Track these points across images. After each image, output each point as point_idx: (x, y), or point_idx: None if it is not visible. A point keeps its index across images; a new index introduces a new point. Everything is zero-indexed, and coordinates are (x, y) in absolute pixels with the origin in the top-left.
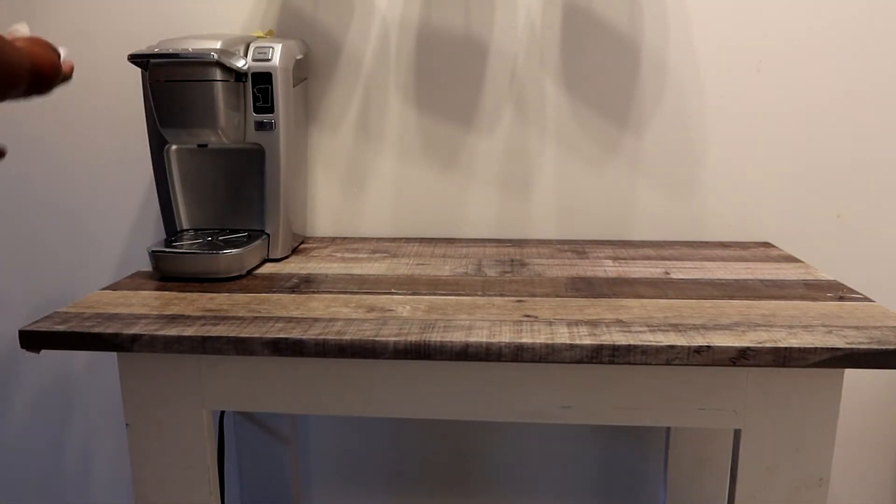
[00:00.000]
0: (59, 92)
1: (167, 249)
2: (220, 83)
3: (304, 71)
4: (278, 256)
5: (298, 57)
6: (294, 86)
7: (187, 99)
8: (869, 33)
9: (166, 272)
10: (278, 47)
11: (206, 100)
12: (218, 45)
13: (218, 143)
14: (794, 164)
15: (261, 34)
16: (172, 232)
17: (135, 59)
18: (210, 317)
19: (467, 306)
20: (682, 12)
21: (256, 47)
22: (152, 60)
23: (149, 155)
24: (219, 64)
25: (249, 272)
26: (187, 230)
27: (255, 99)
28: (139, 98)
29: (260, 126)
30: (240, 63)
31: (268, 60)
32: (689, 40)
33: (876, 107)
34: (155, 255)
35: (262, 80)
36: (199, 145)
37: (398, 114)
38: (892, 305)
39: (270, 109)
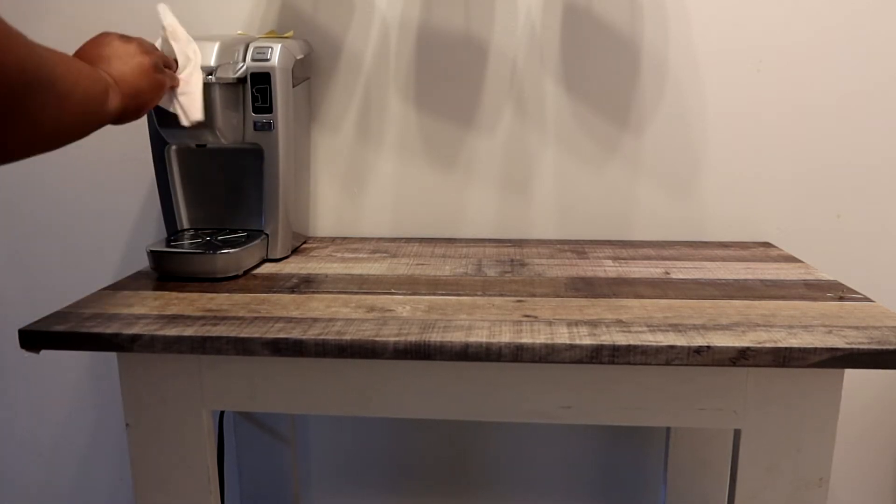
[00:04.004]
0: None
1: (165, 249)
2: (217, 85)
3: (307, 71)
4: (277, 257)
5: (299, 57)
6: (294, 86)
7: None
8: (869, 33)
9: (165, 271)
10: (277, 47)
11: (203, 101)
12: (214, 52)
13: (216, 144)
14: (794, 164)
15: (275, 33)
16: (173, 231)
17: None
18: (210, 317)
19: (467, 306)
20: (682, 12)
21: (256, 47)
22: None
23: (150, 154)
24: (217, 70)
25: (248, 272)
26: (188, 230)
27: (254, 99)
28: None
29: (259, 126)
30: (235, 72)
31: (266, 60)
32: (689, 40)
33: (876, 107)
34: (153, 255)
35: (261, 81)
36: (198, 145)
37: (398, 114)
38: (892, 305)
39: (269, 109)
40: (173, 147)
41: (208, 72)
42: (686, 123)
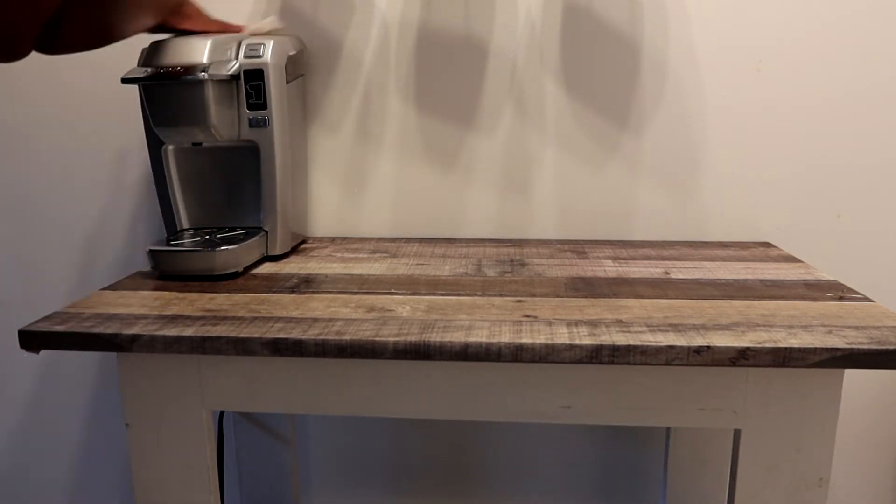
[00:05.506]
0: (59, 89)
1: (164, 248)
2: (210, 83)
3: (300, 68)
4: (277, 253)
5: (291, 53)
6: (288, 82)
7: (178, 99)
8: (869, 33)
9: (164, 270)
10: (270, 44)
11: (197, 99)
12: (206, 49)
13: (212, 142)
14: (794, 164)
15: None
16: (172, 231)
17: (128, 82)
18: (210, 317)
19: (467, 306)
20: (682, 12)
21: (248, 44)
22: (145, 67)
23: (148, 154)
24: (209, 67)
25: (247, 270)
26: (187, 229)
27: (248, 96)
28: (137, 96)
29: (253, 123)
30: (227, 69)
31: (259, 57)
32: (689, 40)
33: (876, 107)
34: (153, 254)
35: (254, 77)
36: (194, 144)
37: (398, 114)
38: (892, 305)
39: (263, 106)
40: (170, 146)
41: (201, 69)
42: (686, 123)
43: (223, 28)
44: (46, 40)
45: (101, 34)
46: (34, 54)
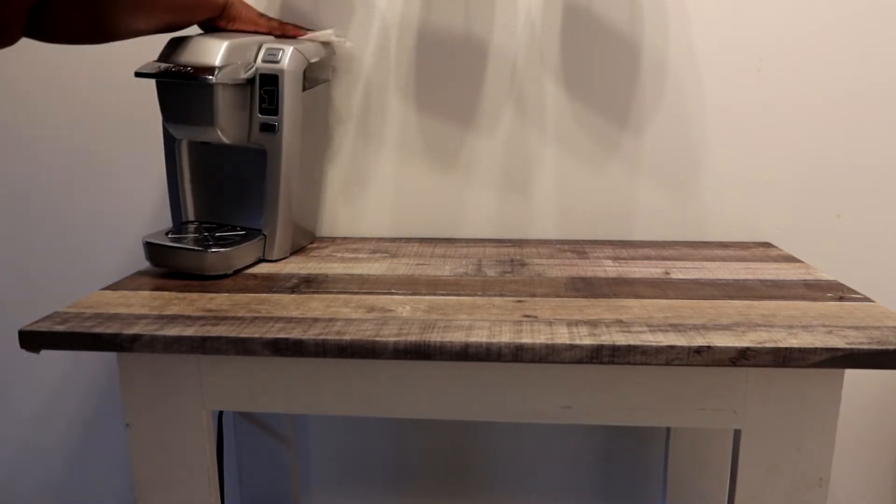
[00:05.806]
0: (60, 89)
1: (158, 241)
2: (219, 87)
3: (324, 73)
4: (274, 258)
5: (314, 60)
6: (306, 89)
7: (187, 98)
8: (869, 33)
9: (157, 264)
10: (289, 50)
11: (205, 101)
12: (221, 51)
13: (219, 142)
14: (794, 164)
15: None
16: (178, 220)
17: (141, 76)
18: (210, 317)
19: (467, 306)
20: (682, 12)
21: (267, 48)
22: (160, 63)
23: (151, 155)
24: (221, 71)
25: (241, 271)
26: (191, 222)
27: (261, 100)
28: (147, 95)
29: (264, 127)
30: (241, 74)
31: (276, 63)
32: (689, 40)
33: (876, 107)
34: (147, 245)
35: (269, 83)
36: (203, 142)
37: (398, 114)
38: (892, 305)
39: (275, 112)
40: (184, 141)
41: (210, 72)
42: (686, 123)
43: (277, 30)
44: (35, 21)
45: (98, 25)
46: (34, 44)
